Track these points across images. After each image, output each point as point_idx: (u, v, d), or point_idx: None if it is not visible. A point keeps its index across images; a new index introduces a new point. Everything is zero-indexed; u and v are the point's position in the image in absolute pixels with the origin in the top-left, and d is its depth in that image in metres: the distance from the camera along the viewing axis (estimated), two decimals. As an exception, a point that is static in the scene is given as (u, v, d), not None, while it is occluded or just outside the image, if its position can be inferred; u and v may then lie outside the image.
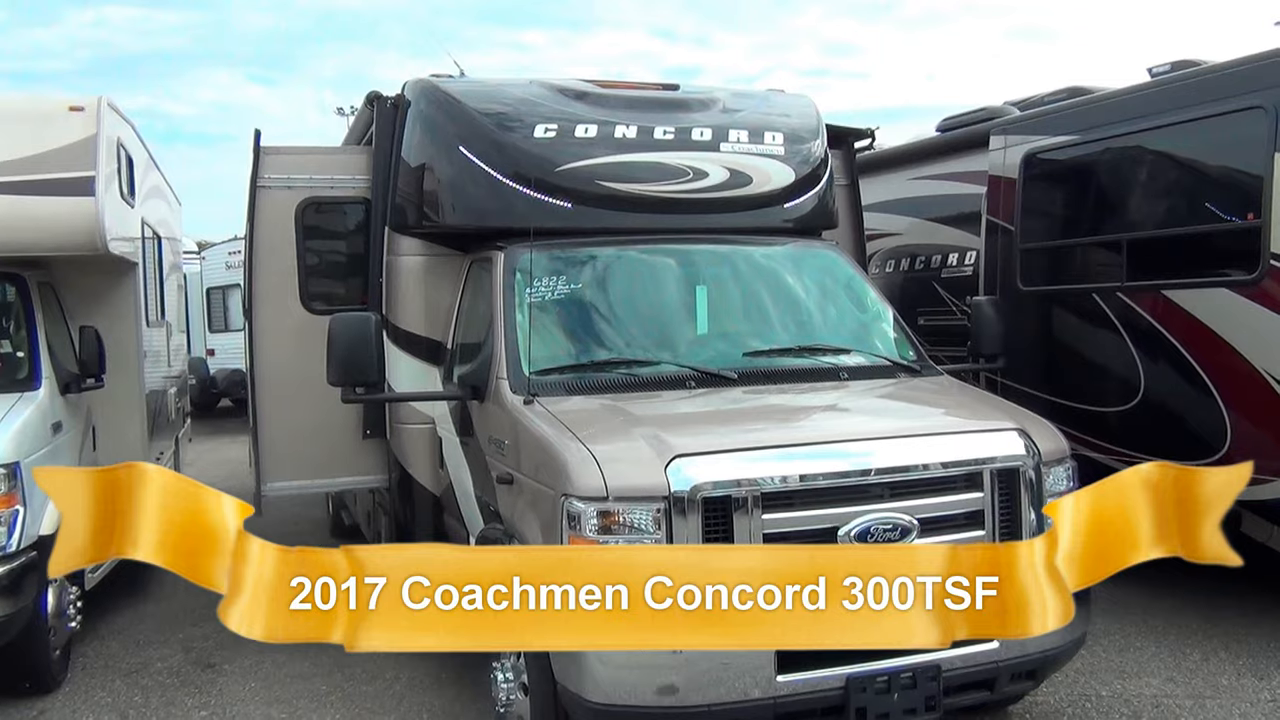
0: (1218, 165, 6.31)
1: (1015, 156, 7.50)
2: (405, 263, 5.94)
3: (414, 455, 5.98)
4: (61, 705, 5.52)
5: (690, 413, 4.69)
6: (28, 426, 5.63)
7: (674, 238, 5.63)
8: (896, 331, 5.55)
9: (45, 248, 6.24)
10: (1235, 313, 5.84)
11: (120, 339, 7.05)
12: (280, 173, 6.21)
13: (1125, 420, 6.56)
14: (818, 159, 6.09)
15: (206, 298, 19.11)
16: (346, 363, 4.88)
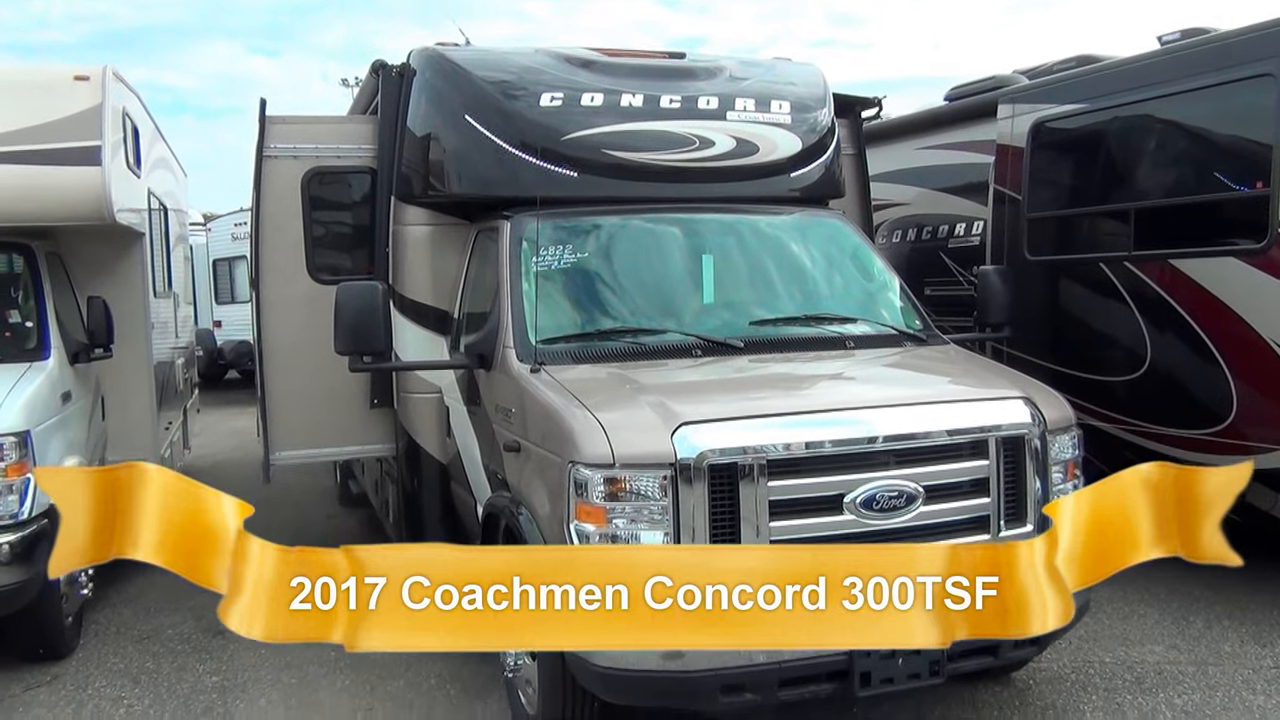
0: (1226, 133, 6.28)
1: (1023, 125, 7.46)
2: (411, 232, 5.94)
3: (421, 424, 6.01)
4: (75, 670, 5.59)
5: (696, 381, 4.70)
6: (38, 396, 5.66)
7: (680, 207, 5.62)
8: (903, 301, 5.55)
9: (52, 218, 6.25)
10: (1243, 281, 5.83)
11: (128, 310, 7.08)
12: (286, 142, 6.20)
13: (1131, 389, 6.56)
14: (825, 128, 6.07)
15: (213, 269, 19.11)
16: (354, 332, 4.90)
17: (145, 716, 5.02)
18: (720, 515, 3.92)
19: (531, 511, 4.35)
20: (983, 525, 4.25)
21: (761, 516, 3.93)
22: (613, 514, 3.89)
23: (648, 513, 3.89)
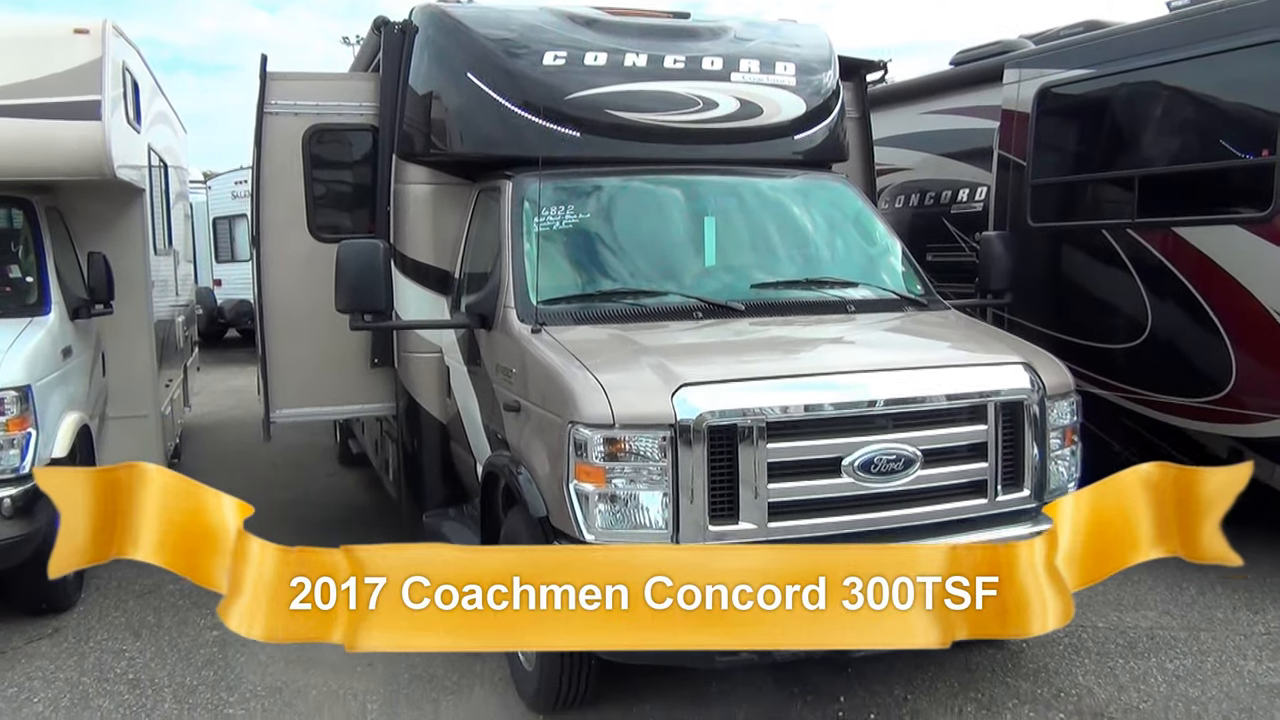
0: (1234, 101, 6.24)
1: (1029, 91, 7.41)
2: (413, 191, 5.91)
3: (422, 384, 6.02)
4: (77, 623, 5.64)
5: (697, 343, 4.70)
6: (39, 350, 5.67)
7: (683, 168, 5.60)
8: (905, 265, 5.54)
9: (52, 172, 6.22)
10: (1246, 250, 5.82)
11: (128, 266, 7.07)
12: (287, 99, 6.16)
13: (1131, 357, 6.57)
14: (829, 91, 6.03)
15: (213, 228, 19.06)
16: (355, 290, 4.89)
17: (147, 669, 5.08)
18: (719, 477, 3.94)
19: (531, 471, 4.37)
20: (980, 490, 4.28)
21: (760, 479, 3.95)
22: (612, 474, 3.91)
23: (647, 473, 3.91)
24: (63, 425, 5.73)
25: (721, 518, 3.95)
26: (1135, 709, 4.50)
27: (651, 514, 3.92)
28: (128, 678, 5.00)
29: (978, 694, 4.59)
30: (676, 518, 3.91)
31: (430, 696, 4.66)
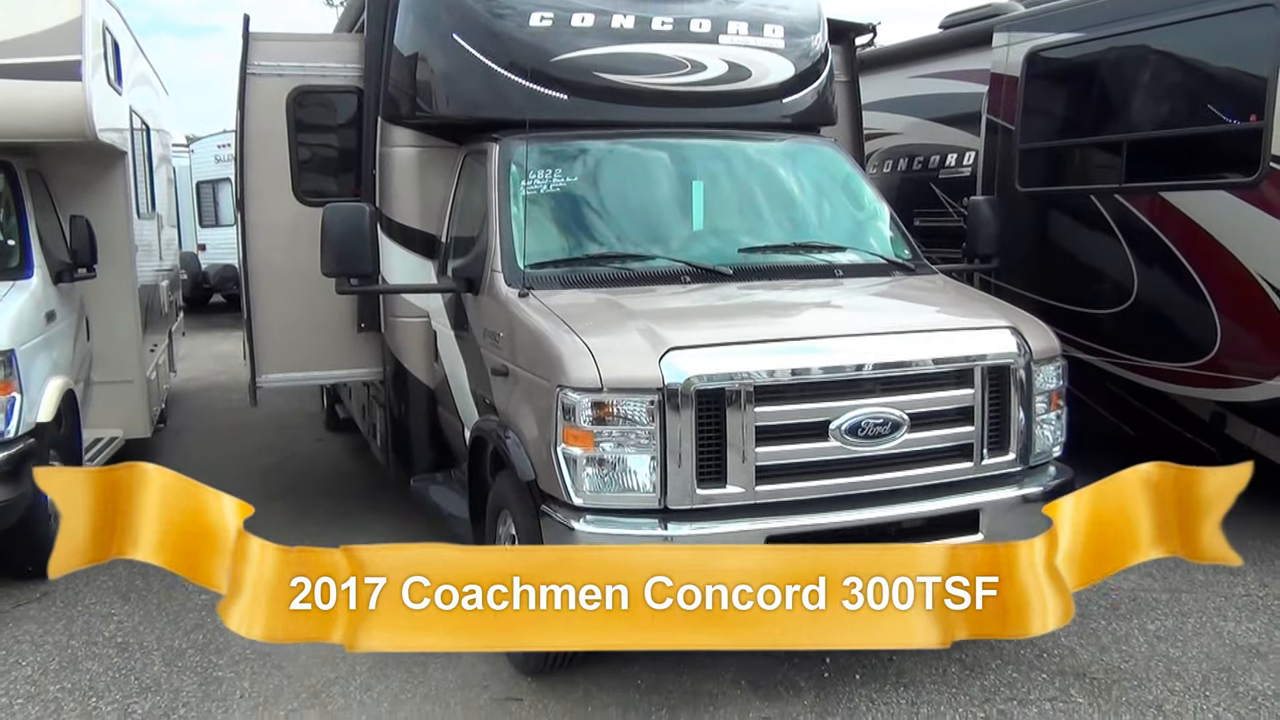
0: (1223, 65, 6.22)
1: (1018, 54, 7.38)
2: (399, 154, 5.86)
3: (409, 349, 6.01)
4: (64, 588, 5.63)
5: (684, 307, 4.70)
6: (22, 314, 5.63)
7: (671, 132, 5.56)
8: (892, 230, 5.53)
9: (32, 133, 6.14)
10: (1232, 215, 5.83)
11: (111, 230, 7.00)
12: (270, 60, 6.08)
13: (1117, 322, 6.59)
14: (818, 54, 5.99)
15: (196, 192, 18.90)
16: (340, 253, 4.86)
17: (135, 632, 5.09)
18: (707, 440, 3.95)
19: (519, 435, 4.38)
20: (966, 453, 4.30)
21: (748, 442, 3.97)
22: (600, 438, 3.92)
23: (635, 437, 3.92)
24: (47, 390, 5.69)
25: (709, 481, 3.97)
26: (1117, 669, 4.56)
27: (639, 477, 3.93)
28: (116, 641, 5.01)
29: (962, 655, 4.64)
30: (664, 481, 3.93)
31: (419, 659, 4.69)
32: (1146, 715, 4.18)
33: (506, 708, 4.32)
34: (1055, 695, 4.33)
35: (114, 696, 4.48)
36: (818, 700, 4.28)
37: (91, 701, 4.43)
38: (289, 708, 4.31)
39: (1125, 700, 4.30)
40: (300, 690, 4.46)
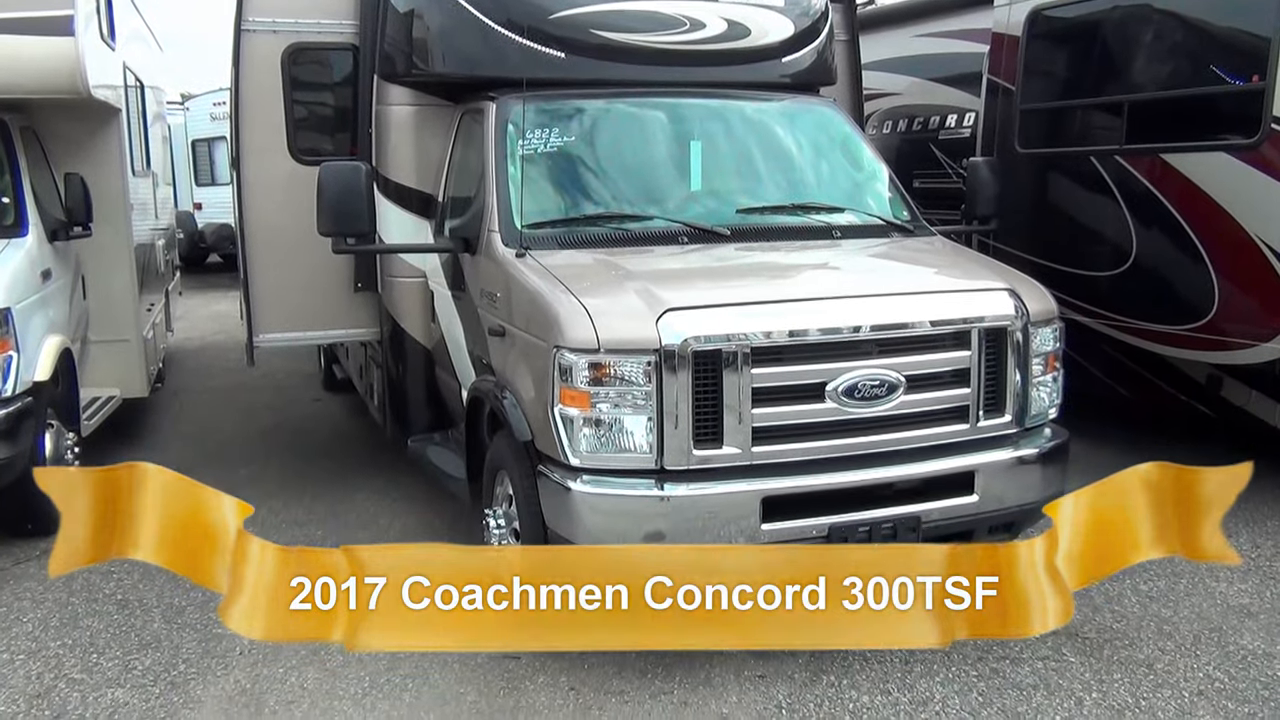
0: (1225, 25, 6.18)
1: (1020, 14, 7.31)
2: (395, 113, 5.81)
3: (406, 309, 5.99)
4: (64, 546, 5.65)
5: (682, 268, 4.69)
6: (18, 272, 5.61)
7: (669, 91, 5.51)
8: (891, 191, 5.50)
9: (24, 89, 6.07)
10: (1232, 177, 5.81)
11: (106, 188, 6.95)
12: (265, 16, 6.01)
13: (1115, 284, 6.59)
14: (818, 12, 5.92)
15: (192, 150, 18.75)
16: (337, 212, 4.83)
17: (135, 589, 5.11)
18: (703, 401, 3.95)
19: (516, 396, 4.38)
20: (962, 415, 4.31)
21: (744, 403, 3.97)
22: (597, 399, 3.92)
23: (631, 398, 3.92)
24: (44, 348, 5.68)
25: (706, 442, 3.98)
26: (1109, 629, 4.60)
27: (636, 438, 3.94)
28: (116, 598, 5.04)
29: (955, 614, 4.68)
30: (661, 442, 3.94)
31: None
32: (1138, 674, 4.23)
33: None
34: (1048, 655, 4.37)
35: (114, 653, 4.51)
36: (812, 659, 4.32)
37: (92, 658, 4.47)
38: (288, 665, 4.35)
39: (1117, 659, 4.34)
40: (299, 648, 4.49)
